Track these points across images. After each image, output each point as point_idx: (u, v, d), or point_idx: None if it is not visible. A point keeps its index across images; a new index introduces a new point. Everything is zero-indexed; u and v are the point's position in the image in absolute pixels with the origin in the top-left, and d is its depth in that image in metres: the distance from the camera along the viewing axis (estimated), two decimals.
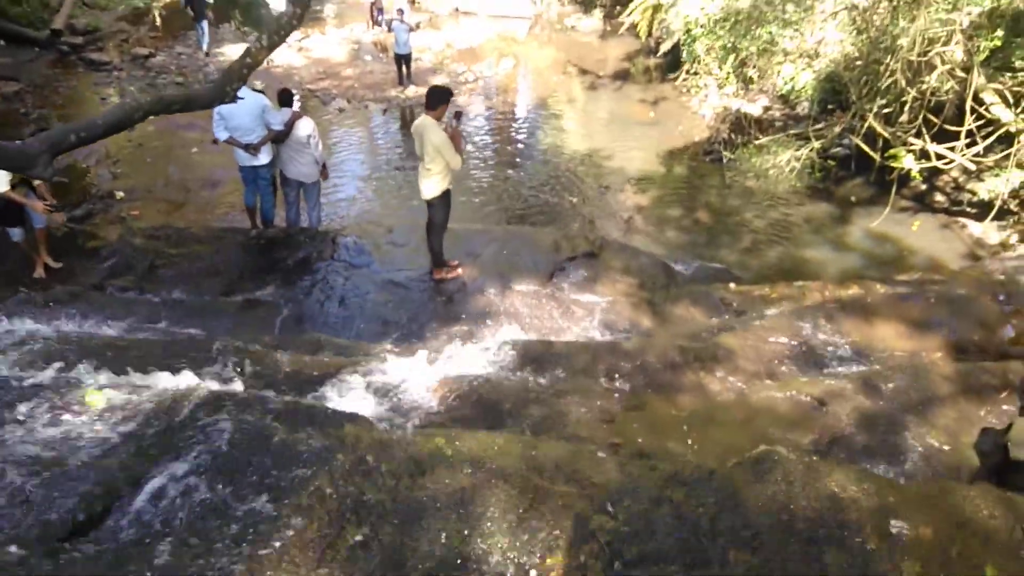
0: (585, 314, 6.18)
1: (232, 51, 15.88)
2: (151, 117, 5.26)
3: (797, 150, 9.61)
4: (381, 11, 17.70)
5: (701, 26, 10.81)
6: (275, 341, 4.82)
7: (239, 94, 5.56)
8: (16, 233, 6.35)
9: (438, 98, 6.03)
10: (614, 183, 11.42)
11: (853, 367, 4.11)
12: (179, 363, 3.69)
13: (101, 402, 2.76)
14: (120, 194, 10.31)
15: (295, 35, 16.86)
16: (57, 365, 3.64)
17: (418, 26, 17.60)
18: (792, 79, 12.14)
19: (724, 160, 11.50)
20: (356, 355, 4.56)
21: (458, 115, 6.27)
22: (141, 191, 10.54)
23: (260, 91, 7.15)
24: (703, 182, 11.63)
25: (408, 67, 14.51)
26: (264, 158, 7.07)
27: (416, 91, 14.40)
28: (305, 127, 7.24)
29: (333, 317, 6.11)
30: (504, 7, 18.41)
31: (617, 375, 3.89)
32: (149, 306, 5.94)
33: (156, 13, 18.14)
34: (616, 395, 3.64)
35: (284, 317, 5.99)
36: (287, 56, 15.63)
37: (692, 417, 3.35)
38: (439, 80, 15.22)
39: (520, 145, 13.02)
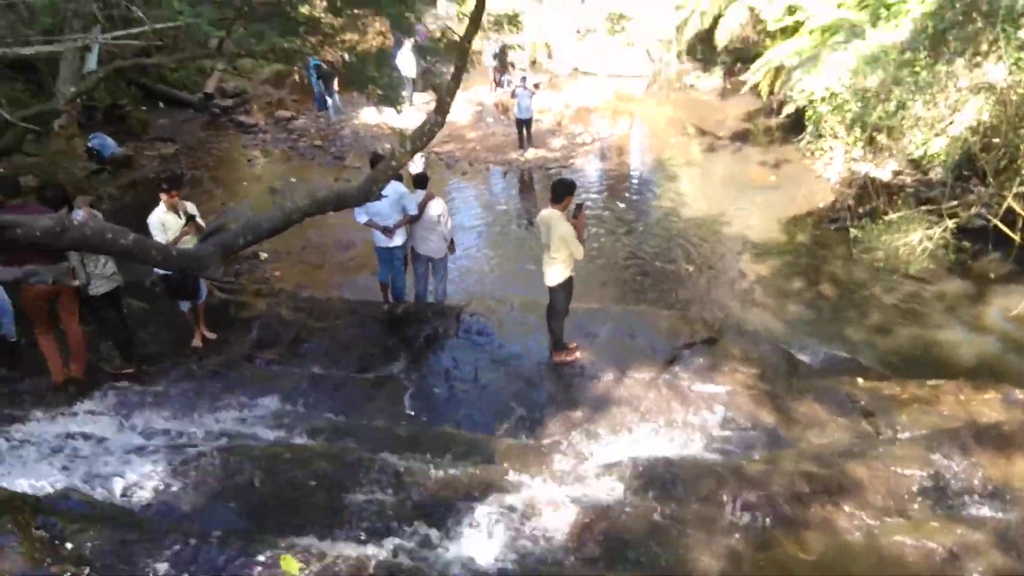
0: (704, 406, 6.18)
1: (365, 114, 16.96)
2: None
3: (929, 228, 9.21)
4: (503, 72, 18.41)
5: (824, 100, 10.63)
6: (407, 433, 5.15)
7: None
8: (186, 305, 7.05)
9: (563, 191, 6.32)
10: (732, 250, 11.31)
11: (989, 510, 3.93)
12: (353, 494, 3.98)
13: (295, 569, 3.00)
14: (264, 255, 11.18)
15: (423, 97, 17.84)
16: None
17: (538, 87, 18.18)
18: (924, 144, 11.67)
19: (850, 229, 11.15)
20: (484, 451, 4.81)
21: (580, 207, 6.52)
22: (283, 252, 11.38)
23: None
24: (827, 252, 11.30)
25: (528, 130, 15.01)
26: (399, 240, 7.59)
27: (536, 153, 14.86)
28: (436, 208, 7.72)
29: (456, 398, 6.40)
30: (622, 66, 18.71)
31: (742, 506, 3.92)
32: (293, 380, 6.45)
33: (297, 77, 19.63)
34: (740, 531, 3.67)
35: (412, 397, 6.33)
36: (416, 118, 16.45)
37: (820, 564, 3.33)
38: (557, 142, 15.67)
39: (636, 207, 13.12)
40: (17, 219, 3.98)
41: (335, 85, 16.57)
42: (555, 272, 6.51)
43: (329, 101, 16.79)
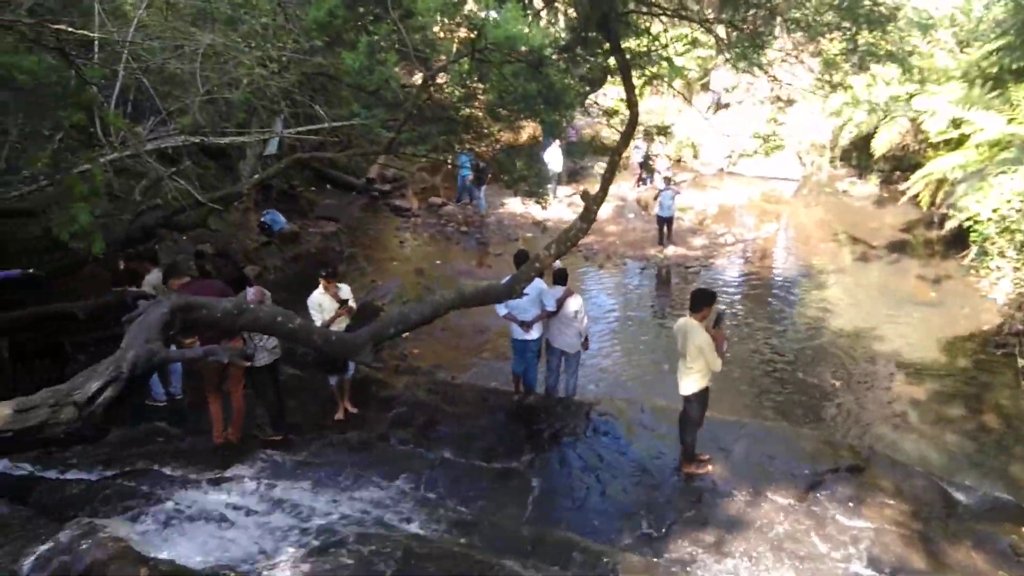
0: (848, 541, 5.74)
1: (510, 204, 17.67)
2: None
3: None
4: (647, 171, 18.68)
5: (991, 220, 9.98)
6: (531, 534, 5.14)
7: None
8: (334, 379, 7.50)
9: (702, 301, 6.28)
10: (885, 368, 10.60)
11: None
12: None
13: None
14: (405, 332, 11.72)
15: (566, 190, 18.40)
16: None
17: (681, 185, 18.26)
18: None
19: (1018, 356, 10.19)
20: (608, 566, 4.71)
21: (720, 317, 6.43)
22: (422, 330, 11.85)
23: None
24: (992, 379, 10.33)
25: (669, 228, 15.05)
26: (535, 333, 7.77)
27: (675, 251, 14.82)
28: (574, 304, 7.86)
29: (580, 501, 6.31)
30: (771, 168, 18.45)
31: None
32: (425, 463, 6.63)
33: (450, 166, 20.85)
34: None
35: (536, 495, 6.32)
36: (559, 211, 16.98)
37: None
38: (699, 241, 15.55)
39: (778, 313, 12.67)
40: (205, 302, 4.50)
41: (485, 178, 17.43)
42: (690, 382, 6.40)
43: (477, 193, 17.62)
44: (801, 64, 6.94)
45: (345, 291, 7.12)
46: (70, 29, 6.80)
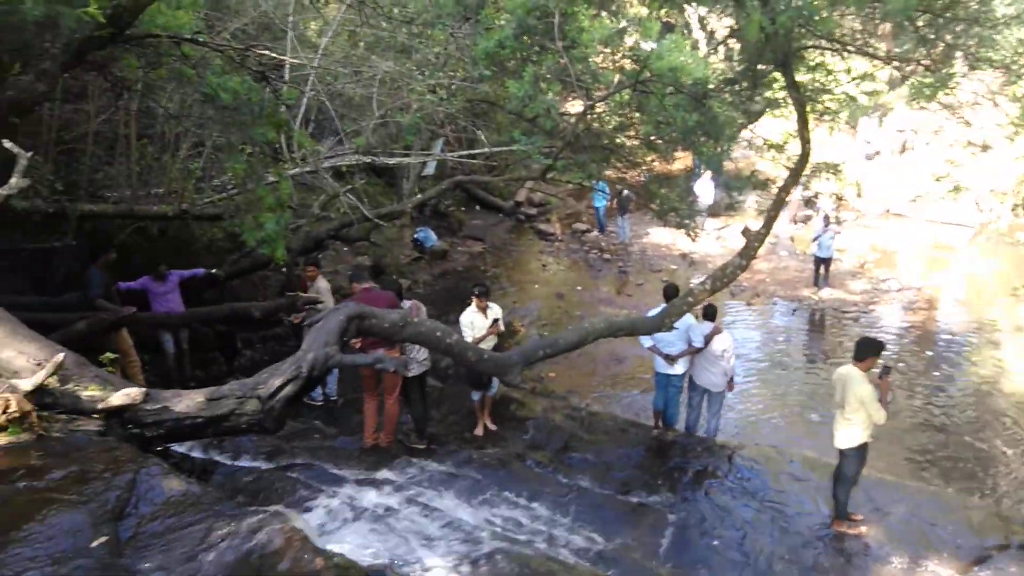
0: None
1: (654, 234, 17.48)
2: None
3: None
4: (808, 203, 17.89)
5: None
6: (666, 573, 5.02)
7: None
8: (477, 395, 7.69)
9: (868, 350, 5.94)
10: None
11: None
12: None
13: None
14: (553, 357, 11.83)
15: (714, 223, 17.96)
16: None
17: (842, 225, 17.31)
18: None
19: None
20: None
21: (887, 369, 6.05)
22: (560, 355, 11.96)
23: None
24: None
25: (827, 269, 14.30)
26: (680, 368, 7.62)
27: (831, 294, 14.04)
28: (722, 342, 7.65)
29: (719, 549, 6.08)
30: (944, 213, 17.08)
31: None
32: (560, 489, 6.65)
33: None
34: None
35: (673, 537, 6.16)
36: (706, 244, 16.59)
37: None
38: (858, 285, 14.66)
39: (945, 370, 11.65)
40: (376, 312, 4.80)
41: (628, 207, 17.33)
42: (848, 434, 6.05)
43: (620, 221, 17.55)
44: (996, 107, 6.44)
45: (495, 310, 7.31)
46: (271, 54, 7.55)
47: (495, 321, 7.28)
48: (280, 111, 7.22)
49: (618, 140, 10.22)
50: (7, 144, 5.00)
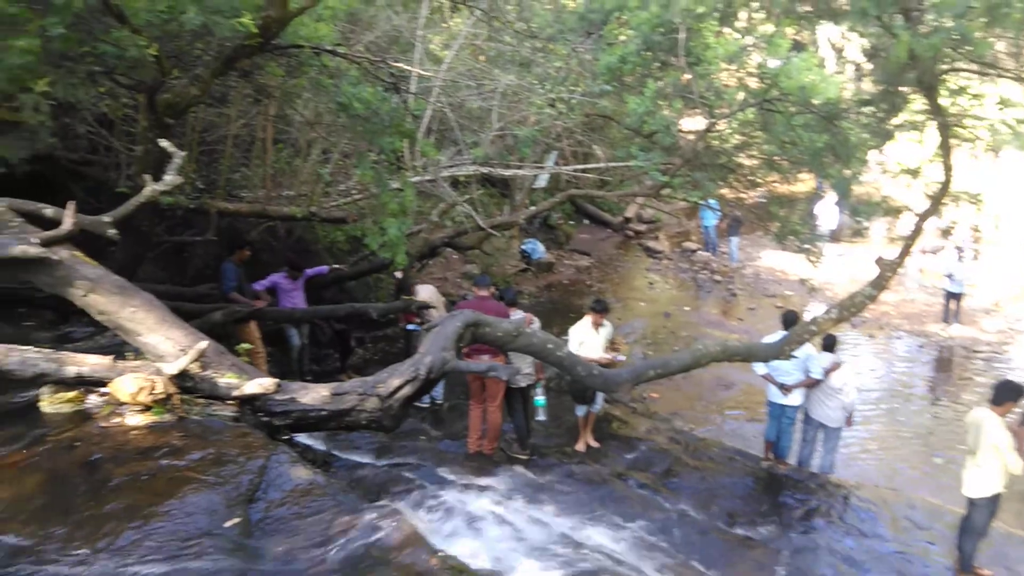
0: None
1: (767, 257, 16.87)
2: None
3: None
4: (944, 233, 16.78)
5: None
6: None
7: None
8: (582, 410, 7.64)
9: (1007, 394, 5.53)
10: None
11: None
12: None
13: None
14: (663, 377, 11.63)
15: (835, 249, 17.13)
16: None
17: (976, 257, 16.13)
18: None
19: None
20: None
21: None
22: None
23: None
24: None
25: (957, 305, 13.36)
26: (795, 400, 7.30)
27: (962, 331, 13.10)
28: (842, 376, 7.30)
29: None
30: None
31: None
32: (662, 512, 6.50)
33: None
34: None
35: (780, 573, 5.89)
36: (825, 271, 15.83)
37: None
38: (991, 324, 13.61)
39: None
40: (492, 320, 4.87)
41: (739, 228, 16.81)
42: (979, 482, 5.62)
43: (730, 242, 17.05)
44: None
45: (608, 329, 7.26)
46: (403, 66, 7.84)
47: (612, 343, 7.25)
48: (407, 121, 7.49)
49: (738, 159, 9.97)
50: (164, 143, 5.43)
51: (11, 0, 4.94)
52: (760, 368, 7.35)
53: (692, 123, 12.60)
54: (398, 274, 8.62)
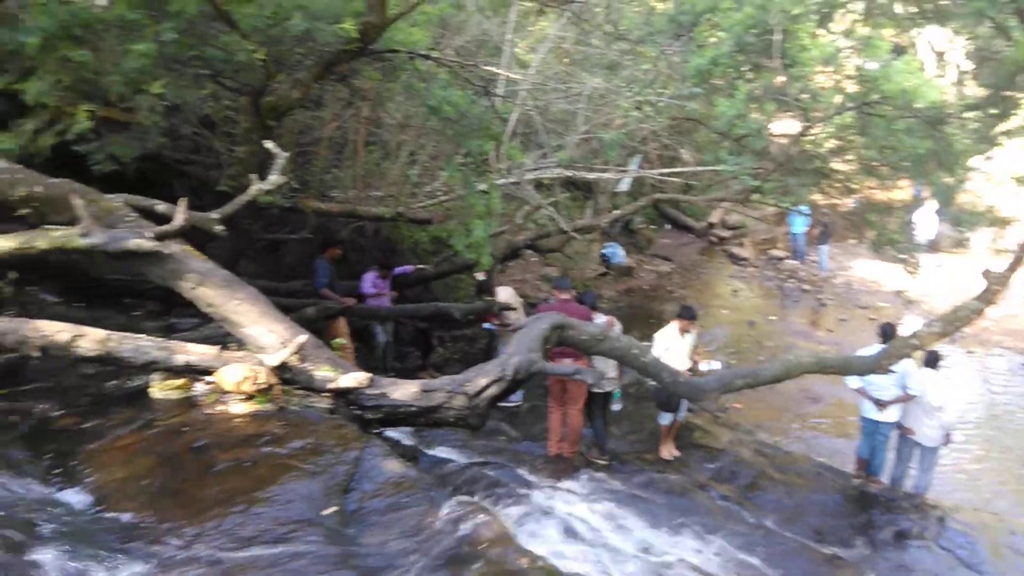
0: None
1: (858, 266, 16.20)
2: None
3: None
4: None
5: None
6: None
7: None
8: (666, 419, 7.53)
9: None
10: None
11: None
12: None
13: None
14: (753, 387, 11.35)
15: (934, 260, 16.28)
16: None
17: None
18: None
19: None
20: None
21: None
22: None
23: None
24: None
25: None
26: (891, 416, 7.00)
27: None
28: (943, 393, 6.97)
29: None
30: None
31: None
32: (746, 526, 6.34)
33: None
34: None
35: None
36: (923, 282, 15.08)
37: None
38: None
39: None
40: (576, 323, 4.87)
41: (829, 236, 16.20)
42: None
43: (821, 251, 16.44)
44: None
45: (694, 336, 7.14)
46: (493, 70, 7.93)
47: (694, 347, 7.14)
48: (495, 124, 7.58)
49: (833, 163, 9.64)
50: (268, 145, 5.67)
51: (131, 6, 5.27)
52: (854, 382, 7.08)
53: (783, 127, 12.26)
54: (480, 275, 8.74)
